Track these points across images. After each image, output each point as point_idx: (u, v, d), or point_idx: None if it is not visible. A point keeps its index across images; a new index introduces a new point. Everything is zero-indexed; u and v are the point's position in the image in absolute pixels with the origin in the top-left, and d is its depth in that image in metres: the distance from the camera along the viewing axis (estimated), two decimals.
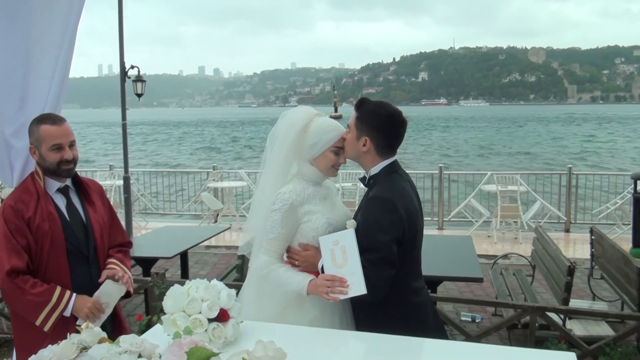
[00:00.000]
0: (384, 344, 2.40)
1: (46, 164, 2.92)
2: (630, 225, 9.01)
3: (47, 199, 2.94)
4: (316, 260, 2.71)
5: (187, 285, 2.33)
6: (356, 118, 2.74)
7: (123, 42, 9.44)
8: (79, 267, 2.97)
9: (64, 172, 2.95)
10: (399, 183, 2.72)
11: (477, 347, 2.29)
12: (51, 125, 2.91)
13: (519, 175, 10.73)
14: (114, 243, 3.22)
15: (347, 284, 2.57)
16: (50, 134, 2.90)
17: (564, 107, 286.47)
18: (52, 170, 2.93)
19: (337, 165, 2.84)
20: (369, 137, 2.71)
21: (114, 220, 3.27)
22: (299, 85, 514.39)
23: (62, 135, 2.92)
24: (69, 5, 3.45)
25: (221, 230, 7.94)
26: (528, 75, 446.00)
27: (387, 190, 2.66)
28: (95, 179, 11.83)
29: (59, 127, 2.92)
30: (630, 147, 42.41)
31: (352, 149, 2.77)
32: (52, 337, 2.54)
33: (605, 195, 11.30)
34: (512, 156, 36.59)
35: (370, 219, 2.61)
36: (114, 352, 1.82)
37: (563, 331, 4.31)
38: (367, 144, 2.72)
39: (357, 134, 2.73)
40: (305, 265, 2.74)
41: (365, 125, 2.71)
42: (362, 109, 2.75)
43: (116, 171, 12.23)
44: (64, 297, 2.86)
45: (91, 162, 30.84)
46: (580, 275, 7.06)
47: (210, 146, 49.03)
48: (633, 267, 4.62)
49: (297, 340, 2.35)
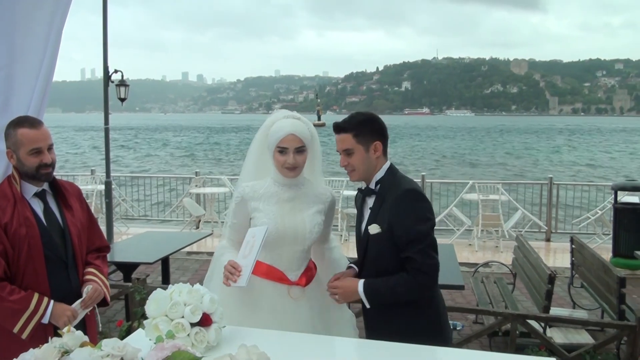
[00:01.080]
0: (365, 349, 2.41)
1: (24, 168, 2.86)
2: (610, 235, 9.13)
3: (24, 203, 2.87)
4: (351, 288, 2.70)
5: (169, 289, 2.31)
6: (354, 136, 2.71)
7: (107, 46, 9.40)
8: (57, 272, 2.92)
9: (42, 177, 2.90)
10: (408, 177, 2.82)
11: (460, 352, 2.29)
12: (29, 128, 2.85)
13: (500, 184, 10.81)
14: (92, 247, 3.17)
15: (235, 277, 2.66)
16: (29, 138, 2.84)
17: (545, 118, 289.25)
18: (30, 174, 2.88)
19: (289, 166, 2.80)
20: (379, 141, 2.75)
21: (92, 223, 3.21)
22: (282, 93, 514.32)
23: (41, 138, 2.87)
24: (54, 7, 3.43)
25: (203, 237, 7.91)
26: (510, 86, 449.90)
27: (407, 183, 2.73)
28: (76, 184, 11.70)
29: (37, 130, 2.87)
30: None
31: (366, 162, 2.75)
32: (30, 344, 2.49)
33: (585, 205, 11.42)
34: (502, 166, 36.85)
35: (404, 214, 2.63)
36: (96, 356, 1.80)
37: (544, 339, 4.34)
38: (379, 148, 2.75)
39: (364, 147, 2.73)
40: (345, 296, 2.74)
41: (368, 134, 2.73)
42: (353, 125, 2.73)
43: (97, 176, 12.13)
44: (42, 304, 2.81)
45: (75, 167, 30.53)
46: (561, 284, 7.12)
47: (192, 153, 48.75)
48: (613, 275, 4.67)
49: (280, 345, 2.35)
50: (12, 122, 2.91)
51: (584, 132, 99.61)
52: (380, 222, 2.69)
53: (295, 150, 2.79)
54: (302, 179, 2.95)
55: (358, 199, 2.92)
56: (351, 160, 2.74)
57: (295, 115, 2.91)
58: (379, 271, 2.70)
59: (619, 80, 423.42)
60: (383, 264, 2.70)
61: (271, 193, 2.90)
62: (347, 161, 2.76)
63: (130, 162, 38.88)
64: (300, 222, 2.85)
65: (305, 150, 2.84)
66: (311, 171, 3.01)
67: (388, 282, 2.66)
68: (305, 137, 2.82)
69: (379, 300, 2.69)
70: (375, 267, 2.72)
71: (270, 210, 2.86)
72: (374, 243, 2.71)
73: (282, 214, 2.85)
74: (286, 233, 2.83)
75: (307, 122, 2.94)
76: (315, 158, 3.00)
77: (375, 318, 2.76)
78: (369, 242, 2.73)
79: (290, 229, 2.83)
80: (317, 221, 2.88)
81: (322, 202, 2.95)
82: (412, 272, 2.61)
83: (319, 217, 2.91)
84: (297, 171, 2.85)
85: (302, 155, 2.83)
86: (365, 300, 2.68)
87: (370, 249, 2.74)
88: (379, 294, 2.68)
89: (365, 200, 2.84)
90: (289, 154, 2.79)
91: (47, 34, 3.42)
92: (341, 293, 2.73)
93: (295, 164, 2.80)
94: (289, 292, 2.86)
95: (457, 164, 38.73)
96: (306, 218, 2.87)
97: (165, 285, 2.47)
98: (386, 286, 2.66)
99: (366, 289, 2.67)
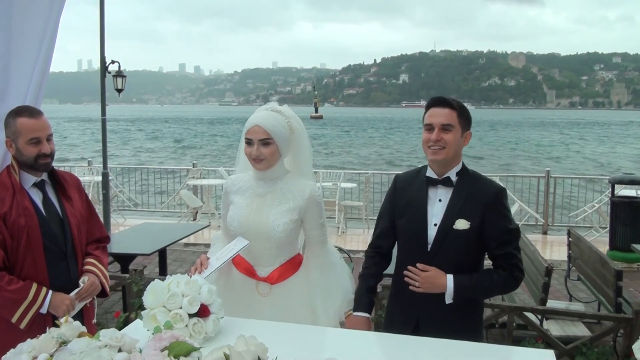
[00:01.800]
0: (364, 340, 2.42)
1: (23, 157, 2.85)
2: (607, 229, 9.15)
3: (23, 193, 2.87)
4: (439, 281, 2.62)
5: (167, 280, 2.31)
6: (458, 115, 2.63)
7: (104, 37, 9.34)
8: (56, 263, 2.92)
9: (41, 167, 2.89)
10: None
11: (456, 344, 2.29)
12: (29, 118, 2.84)
13: (497, 177, 10.82)
14: (92, 238, 3.17)
15: (200, 272, 2.70)
16: (28, 127, 2.83)
17: (543, 112, 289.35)
18: (29, 164, 2.86)
19: (254, 157, 2.77)
20: (469, 131, 2.72)
21: (92, 214, 3.20)
22: (280, 85, 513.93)
23: (40, 128, 2.86)
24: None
25: (200, 228, 7.89)
26: (508, 79, 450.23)
27: (495, 182, 2.78)
28: None
29: (37, 120, 2.86)
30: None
31: (456, 145, 2.66)
32: (28, 334, 2.48)
33: (582, 199, 11.44)
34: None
35: (503, 211, 2.66)
36: (93, 346, 1.80)
37: (540, 331, 4.35)
38: (468, 138, 2.72)
39: (462, 130, 2.66)
40: (427, 286, 2.63)
41: (466, 121, 2.67)
42: (458, 104, 2.66)
43: (94, 167, 12.11)
44: (40, 294, 2.81)
45: (74, 158, 30.47)
46: (558, 277, 7.12)
47: (189, 145, 48.65)
48: (610, 268, 4.68)
49: (279, 336, 2.35)
50: (12, 112, 2.90)
51: (593, 125, 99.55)
52: (468, 218, 2.62)
53: (259, 142, 2.74)
54: (281, 174, 2.88)
55: (410, 187, 2.80)
56: (446, 136, 2.61)
57: (276, 108, 2.84)
58: (456, 267, 2.63)
59: (617, 74, 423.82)
60: (461, 259, 2.65)
61: (247, 187, 2.91)
62: (441, 136, 2.61)
63: (127, 154, 38.80)
64: (265, 219, 2.80)
65: (271, 143, 2.75)
66: (296, 165, 2.94)
67: (481, 280, 2.65)
68: (273, 130, 2.74)
69: (467, 297, 2.65)
70: (452, 262, 2.64)
71: (240, 205, 2.87)
72: (456, 238, 2.63)
73: (250, 210, 2.84)
74: (249, 229, 2.81)
75: (290, 116, 2.86)
76: (299, 152, 2.93)
77: (436, 313, 2.67)
78: (448, 237, 2.64)
79: (254, 225, 2.81)
80: (285, 219, 2.79)
81: (297, 200, 2.83)
82: (510, 268, 2.64)
83: (290, 215, 2.81)
84: (265, 163, 2.78)
85: (267, 147, 2.74)
86: (452, 295, 2.61)
87: (449, 243, 2.64)
88: (470, 292, 2.64)
89: (431, 192, 2.72)
90: (254, 146, 2.75)
91: (44, 25, 3.40)
92: (425, 282, 2.62)
93: (258, 155, 2.75)
94: (257, 288, 2.86)
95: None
96: (272, 215, 2.80)
97: (162, 276, 2.46)
98: (478, 285, 2.64)
99: (456, 285, 2.61)
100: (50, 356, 1.83)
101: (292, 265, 2.93)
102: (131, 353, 1.81)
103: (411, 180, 2.83)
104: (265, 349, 1.76)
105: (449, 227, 2.63)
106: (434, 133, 2.62)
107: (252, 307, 2.81)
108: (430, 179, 2.72)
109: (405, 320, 2.73)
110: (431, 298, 2.64)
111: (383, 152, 40.97)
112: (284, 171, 2.90)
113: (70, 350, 1.82)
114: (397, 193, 2.84)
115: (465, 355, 2.20)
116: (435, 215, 2.68)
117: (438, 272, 2.62)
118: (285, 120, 2.81)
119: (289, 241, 2.87)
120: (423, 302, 2.68)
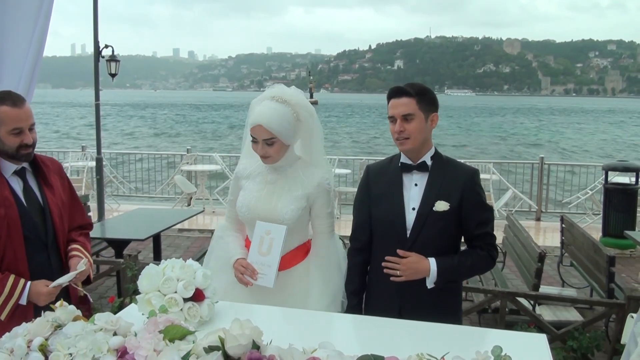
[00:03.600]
0: (358, 324, 2.43)
1: (4, 147, 2.72)
2: (600, 215, 9.20)
3: (2, 182, 2.75)
4: (421, 265, 2.62)
5: (162, 264, 2.32)
6: (417, 102, 2.60)
7: (97, 20, 9.26)
8: (36, 254, 2.81)
9: (22, 157, 2.76)
10: None
11: (449, 327, 2.31)
12: (11, 107, 2.70)
13: (491, 164, 10.84)
14: (74, 224, 3.05)
15: (257, 275, 2.76)
16: (11, 117, 2.69)
17: (538, 98, 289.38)
18: (10, 154, 2.74)
19: (262, 155, 2.77)
20: (436, 112, 2.70)
21: (74, 200, 3.08)
22: (274, 70, 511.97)
23: (24, 118, 2.73)
24: None
25: (194, 214, 7.89)
26: (502, 66, 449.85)
27: (467, 165, 2.80)
28: (67, 160, 11.56)
29: (19, 109, 2.72)
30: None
31: (422, 132, 2.64)
32: (10, 324, 2.40)
33: (576, 185, 11.49)
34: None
35: (478, 192, 2.69)
36: (89, 330, 1.81)
37: (533, 316, 4.38)
38: (436, 120, 2.70)
39: (424, 115, 2.63)
40: (409, 272, 2.62)
41: (428, 104, 2.64)
42: (416, 89, 2.63)
43: (88, 152, 12.05)
44: (18, 287, 2.69)
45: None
46: (550, 263, 7.16)
47: (181, 132, 48.43)
48: (603, 255, 4.70)
49: (274, 320, 2.36)
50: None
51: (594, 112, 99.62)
52: (446, 199, 2.63)
53: (264, 142, 2.73)
54: (291, 161, 2.87)
55: (384, 176, 2.79)
56: (409, 126, 2.60)
57: (282, 98, 2.76)
58: (437, 250, 2.65)
59: (612, 61, 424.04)
60: (442, 241, 2.66)
61: (258, 172, 2.91)
62: (403, 127, 2.60)
63: (120, 139, 38.65)
64: (274, 205, 2.80)
65: (275, 142, 2.73)
66: (307, 152, 2.92)
67: (463, 260, 2.67)
68: (277, 128, 2.70)
69: (450, 279, 2.67)
70: (433, 246, 2.64)
71: (250, 190, 2.88)
72: (436, 220, 2.63)
73: (259, 195, 2.84)
74: (258, 214, 2.81)
75: (297, 104, 2.80)
76: (310, 140, 2.89)
77: (419, 300, 2.68)
78: (428, 220, 2.64)
79: (263, 211, 2.81)
80: (293, 206, 2.79)
81: (306, 187, 2.83)
82: (487, 247, 2.69)
83: (299, 202, 2.80)
84: (272, 159, 2.79)
85: (273, 147, 2.74)
86: (435, 278, 2.62)
87: (429, 226, 2.64)
88: (453, 273, 2.67)
89: (405, 177, 2.72)
90: (259, 145, 2.75)
91: (37, 10, 3.37)
92: (407, 268, 2.61)
93: (265, 154, 2.76)
94: None
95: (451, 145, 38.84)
96: (281, 202, 2.80)
97: (157, 262, 2.46)
98: (461, 264, 2.66)
99: (439, 268, 2.62)
100: (46, 339, 1.84)
101: (301, 252, 2.93)
102: (126, 337, 1.82)
103: (384, 168, 2.82)
104: (260, 332, 1.77)
105: (429, 210, 2.63)
106: (396, 124, 2.62)
107: (259, 292, 2.81)
108: (405, 164, 2.72)
109: (387, 310, 2.67)
110: (411, 284, 2.64)
111: (376, 139, 40.82)
112: (294, 158, 2.89)
113: (66, 333, 1.84)
114: (371, 182, 2.83)
115: (458, 339, 2.21)
116: (413, 199, 2.68)
117: (419, 257, 2.62)
118: (291, 111, 2.76)
119: (298, 228, 2.86)
120: (403, 290, 2.67)
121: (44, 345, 1.82)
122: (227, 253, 2.95)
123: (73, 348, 1.77)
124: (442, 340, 2.16)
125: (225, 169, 11.70)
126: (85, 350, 1.75)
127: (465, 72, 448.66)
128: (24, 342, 1.81)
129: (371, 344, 2.05)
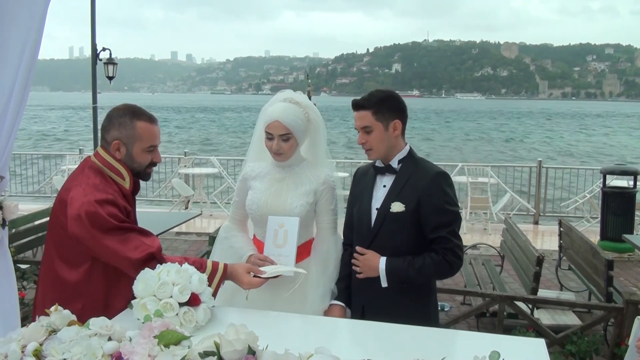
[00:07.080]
0: (354, 329, 2.41)
1: (133, 164, 2.59)
2: (598, 219, 9.19)
3: (131, 204, 2.69)
4: (373, 263, 2.72)
5: (157, 269, 2.30)
6: (373, 113, 2.69)
7: (95, 23, 9.27)
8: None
9: (147, 176, 2.69)
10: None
11: (447, 332, 2.30)
12: (149, 123, 2.58)
13: (489, 167, 10.83)
14: None
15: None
16: (149, 133, 2.57)
17: (535, 102, 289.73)
18: (136, 171, 2.63)
19: (276, 151, 2.87)
20: (398, 119, 2.73)
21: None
22: (272, 73, 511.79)
23: (158, 136, 2.63)
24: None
25: (192, 217, 7.86)
26: (500, 69, 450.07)
27: (436, 167, 2.79)
28: (64, 163, 11.51)
29: (156, 126, 2.61)
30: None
31: (384, 141, 2.73)
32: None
33: (574, 189, 11.48)
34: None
35: (438, 195, 2.69)
36: (83, 335, 1.79)
37: (531, 320, 4.37)
38: (398, 127, 2.74)
39: (383, 125, 2.71)
40: (365, 269, 2.75)
41: (388, 112, 2.71)
42: (372, 102, 2.72)
43: (85, 155, 11.99)
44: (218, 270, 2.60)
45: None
46: (549, 266, 7.16)
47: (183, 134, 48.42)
48: (601, 258, 4.70)
49: (269, 325, 2.34)
50: (125, 110, 2.60)
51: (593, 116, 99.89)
52: (403, 201, 2.69)
53: (279, 137, 2.84)
54: (298, 160, 2.98)
55: (365, 177, 2.92)
56: (369, 138, 2.73)
57: (294, 100, 2.91)
58: (394, 250, 2.72)
59: (609, 65, 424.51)
60: (398, 242, 2.72)
61: (266, 172, 3.00)
62: (365, 139, 2.74)
63: None
64: (283, 201, 2.90)
65: (291, 138, 2.85)
66: (313, 153, 3.04)
67: (413, 262, 2.68)
68: (293, 125, 2.83)
69: (399, 279, 2.70)
70: (390, 245, 2.72)
71: (259, 189, 2.96)
72: (392, 221, 2.72)
73: (269, 193, 2.93)
74: (268, 211, 2.90)
75: (307, 106, 2.94)
76: (316, 141, 3.03)
77: (379, 300, 2.75)
78: (386, 220, 2.73)
79: (273, 207, 2.90)
80: (301, 201, 2.89)
81: (313, 183, 2.94)
82: (443, 252, 2.67)
83: (306, 197, 2.91)
84: (284, 157, 2.90)
85: (288, 142, 2.86)
86: (384, 278, 2.70)
87: (386, 227, 2.74)
88: (402, 274, 2.69)
89: (378, 179, 2.84)
90: (274, 140, 2.84)
91: (31, 13, 3.35)
92: (363, 265, 2.75)
93: (279, 150, 2.86)
94: None
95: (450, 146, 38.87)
96: (289, 198, 2.91)
97: None
98: (411, 266, 2.68)
99: (388, 267, 2.69)
100: (40, 345, 1.82)
101: (305, 250, 2.99)
102: (121, 342, 1.81)
103: (367, 171, 2.96)
104: (255, 337, 1.75)
105: (387, 210, 2.72)
106: (359, 137, 2.76)
107: (269, 290, 2.82)
108: (377, 167, 2.85)
109: (353, 308, 2.85)
110: (371, 283, 2.73)
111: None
112: (300, 158, 3.00)
113: (60, 338, 1.82)
114: (355, 183, 3.00)
115: (456, 344, 2.20)
116: (378, 200, 2.80)
117: (373, 255, 2.74)
118: (303, 112, 2.91)
119: (305, 224, 2.94)
120: (365, 287, 2.78)
121: (38, 350, 1.80)
122: (235, 252, 3.01)
123: (67, 353, 1.75)
124: (441, 344, 2.15)
125: (223, 172, 11.68)
126: (80, 355, 1.74)
127: (463, 75, 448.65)
128: (18, 347, 1.79)
129: (369, 349, 2.04)
